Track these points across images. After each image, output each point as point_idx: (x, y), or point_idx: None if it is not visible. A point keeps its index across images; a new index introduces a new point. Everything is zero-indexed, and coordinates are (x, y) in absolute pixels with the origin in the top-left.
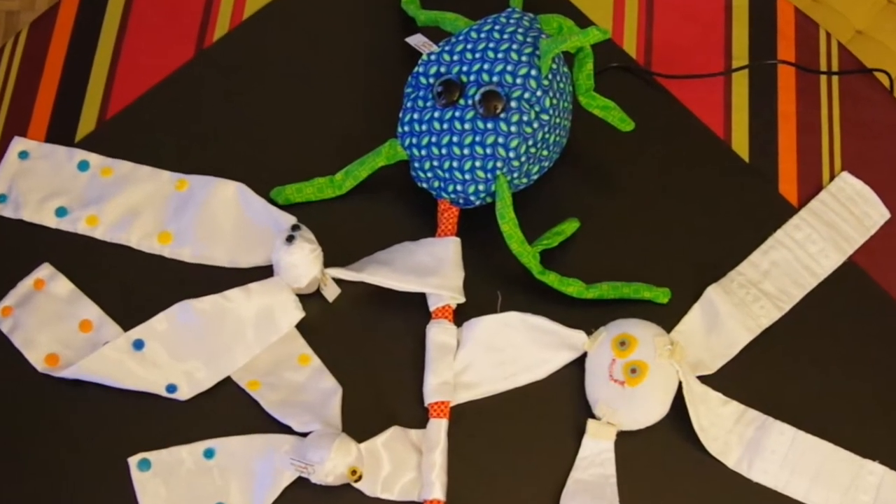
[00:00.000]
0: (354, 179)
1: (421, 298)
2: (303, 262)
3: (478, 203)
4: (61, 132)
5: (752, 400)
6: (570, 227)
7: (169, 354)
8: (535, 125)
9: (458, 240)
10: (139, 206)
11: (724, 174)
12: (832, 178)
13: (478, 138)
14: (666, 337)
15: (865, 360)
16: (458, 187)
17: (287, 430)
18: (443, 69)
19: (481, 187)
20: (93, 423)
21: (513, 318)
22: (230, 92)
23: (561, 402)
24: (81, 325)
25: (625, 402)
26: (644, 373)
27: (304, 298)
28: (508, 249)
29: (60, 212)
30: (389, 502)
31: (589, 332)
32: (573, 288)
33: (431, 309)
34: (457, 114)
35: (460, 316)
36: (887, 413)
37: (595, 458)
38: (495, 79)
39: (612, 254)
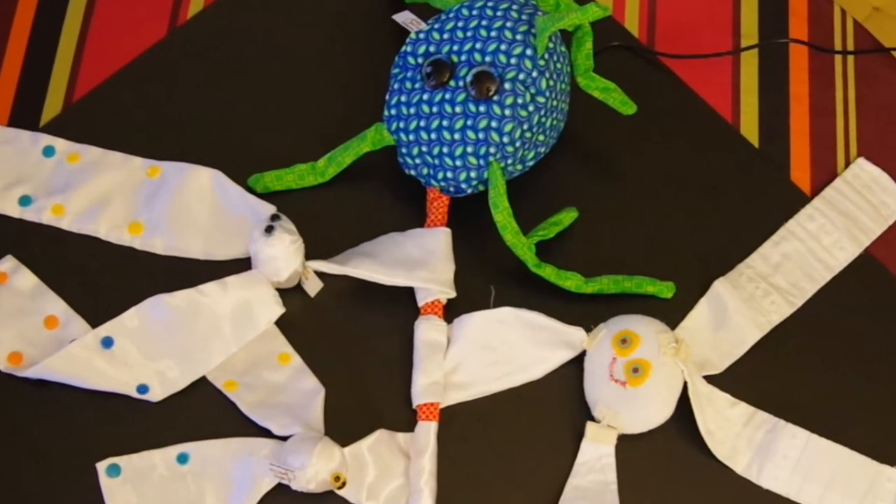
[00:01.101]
0: (338, 166)
1: (409, 293)
2: (283, 255)
3: (469, 191)
4: (25, 116)
5: (762, 401)
6: (567, 216)
7: (140, 353)
8: (531, 108)
9: (448, 230)
10: (108, 194)
11: (733, 160)
12: (847, 164)
13: (469, 122)
14: (670, 334)
15: (883, 358)
16: (449, 174)
17: (266, 433)
18: (432, 48)
19: (473, 174)
20: (59, 427)
21: (507, 314)
22: (205, 73)
23: (558, 403)
24: (46, 322)
25: (626, 404)
26: (647, 372)
27: (283, 293)
28: (502, 241)
29: (24, 200)
30: None
31: (588, 329)
32: (571, 282)
33: (420, 304)
34: (447, 96)
35: (451, 312)
36: None
37: (594, 463)
38: (488, 59)
39: (613, 245)
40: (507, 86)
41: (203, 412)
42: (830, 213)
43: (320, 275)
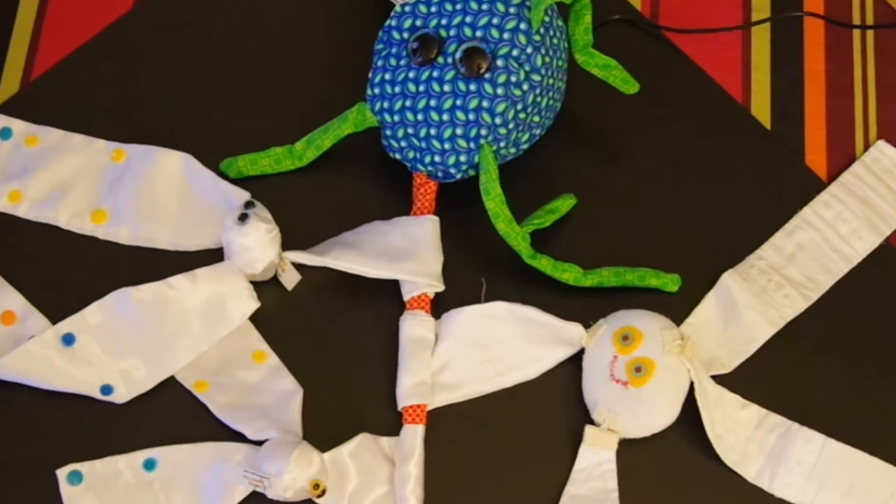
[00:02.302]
0: (317, 149)
1: (394, 286)
2: (258, 245)
3: (459, 176)
4: None
5: (774, 403)
6: (565, 203)
7: (103, 351)
8: (525, 87)
9: (436, 219)
10: (69, 179)
11: (743, 143)
12: (866, 147)
13: (459, 102)
14: (675, 330)
15: None
16: (437, 158)
17: (239, 437)
18: (418, 22)
19: (463, 158)
20: (15, 431)
21: (499, 308)
22: (174, 49)
23: (554, 405)
24: (3, 317)
25: (628, 406)
26: (650, 372)
27: (258, 286)
28: (494, 230)
29: None
30: None
31: (587, 326)
32: (569, 274)
33: (406, 298)
34: (434, 74)
35: (439, 306)
36: None
37: (594, 470)
38: (479, 33)
39: (614, 235)
40: (499, 63)
41: (171, 415)
42: (848, 199)
43: (298, 266)
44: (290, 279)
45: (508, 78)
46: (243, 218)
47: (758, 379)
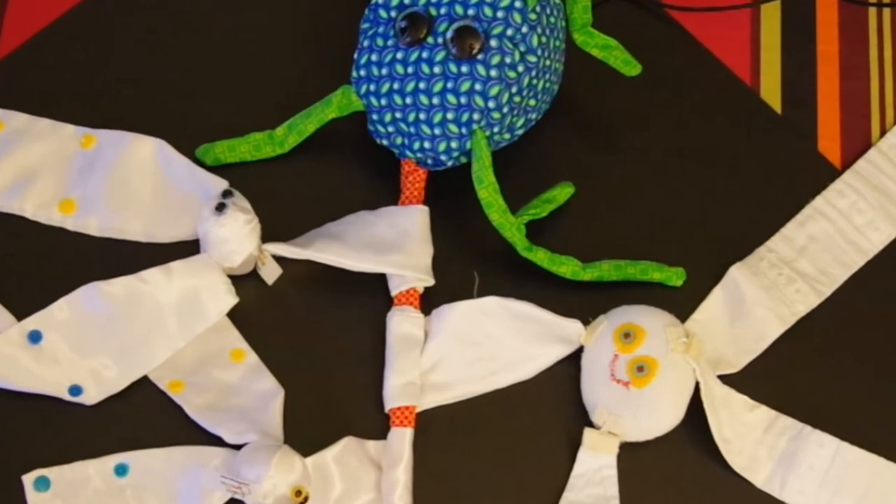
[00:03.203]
0: (299, 135)
1: (380, 281)
2: (236, 236)
3: (450, 164)
4: None
5: (785, 404)
6: (562, 192)
7: (72, 349)
8: (520, 68)
9: (425, 209)
10: (36, 167)
11: (751, 128)
12: (883, 132)
13: (450, 85)
14: (680, 327)
15: None
16: (426, 144)
17: (216, 441)
18: (407, 0)
19: (454, 144)
20: None
21: (492, 304)
22: (146, 28)
23: (551, 407)
24: None
25: (629, 408)
26: (653, 371)
27: (237, 280)
28: (487, 220)
29: None
30: None
31: (586, 322)
32: (566, 267)
33: (393, 293)
34: (424, 55)
35: (428, 302)
36: None
37: (593, 475)
38: (471, 11)
39: (615, 226)
40: (493, 43)
41: (144, 417)
42: (863, 188)
43: (279, 259)
44: (271, 273)
45: (503, 59)
46: (221, 208)
47: (767, 379)
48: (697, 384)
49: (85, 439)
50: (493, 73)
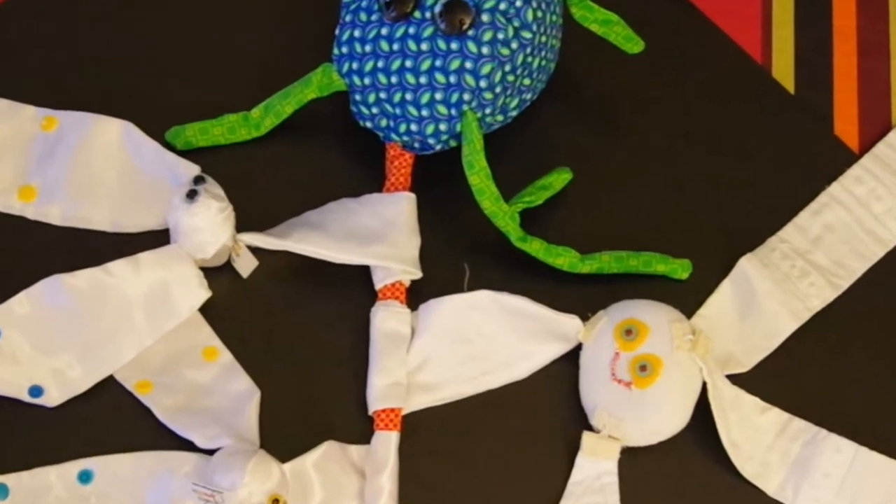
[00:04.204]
0: (276, 117)
1: (364, 274)
2: (209, 226)
3: (438, 148)
4: None
5: (799, 406)
6: (559, 178)
7: (32, 347)
8: (514, 45)
9: (412, 196)
10: None
11: (763, 110)
12: None
13: (438, 63)
14: (686, 323)
15: None
16: (413, 127)
17: (188, 445)
18: None
19: (443, 127)
20: None
21: (484, 298)
22: (116, 3)
23: (548, 409)
24: None
25: (632, 410)
26: (657, 371)
27: (209, 273)
28: (478, 208)
29: None
30: None
31: (585, 318)
32: (564, 259)
33: (377, 287)
34: (411, 30)
35: (415, 296)
36: None
37: (592, 482)
38: None
39: (616, 214)
40: (484, 17)
41: (110, 420)
42: (883, 174)
43: (255, 250)
44: (246, 265)
45: (495, 35)
46: (192, 195)
47: (780, 379)
48: (704, 385)
49: (46, 443)
50: (485, 50)
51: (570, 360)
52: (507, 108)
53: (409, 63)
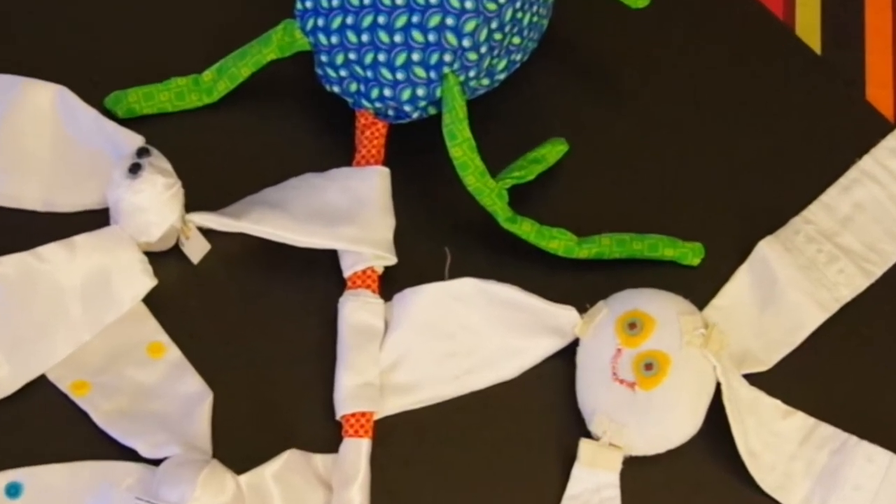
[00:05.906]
0: (231, 80)
1: (331, 259)
2: (154, 204)
3: (416, 116)
4: None
5: (826, 410)
6: (553, 151)
7: None
8: None
9: (385, 170)
10: None
11: (785, 73)
12: None
13: (416, 19)
14: (697, 316)
15: None
16: (387, 92)
17: (131, 454)
18: None
19: (421, 92)
20: None
21: (468, 287)
22: None
23: (540, 413)
24: None
25: (635, 414)
26: (664, 369)
27: (155, 258)
28: (461, 185)
29: None
30: None
31: (582, 310)
32: (558, 242)
33: (346, 274)
34: None
35: (389, 285)
36: None
37: (591, 496)
38: None
39: (617, 191)
40: None
41: (42, 425)
42: None
43: (206, 232)
44: (197, 249)
45: None
46: (135, 169)
47: (804, 379)
48: (718, 385)
49: None
50: (469, 4)
51: (566, 358)
52: (493, 70)
53: (381, 19)
